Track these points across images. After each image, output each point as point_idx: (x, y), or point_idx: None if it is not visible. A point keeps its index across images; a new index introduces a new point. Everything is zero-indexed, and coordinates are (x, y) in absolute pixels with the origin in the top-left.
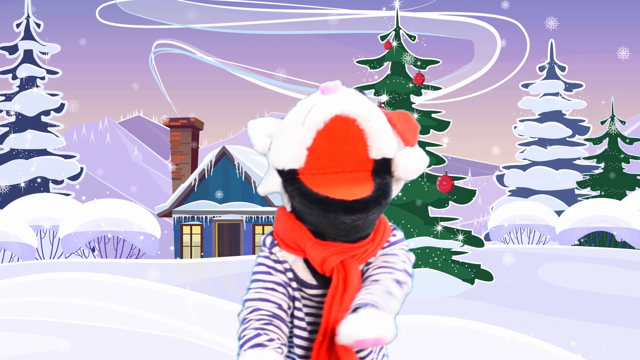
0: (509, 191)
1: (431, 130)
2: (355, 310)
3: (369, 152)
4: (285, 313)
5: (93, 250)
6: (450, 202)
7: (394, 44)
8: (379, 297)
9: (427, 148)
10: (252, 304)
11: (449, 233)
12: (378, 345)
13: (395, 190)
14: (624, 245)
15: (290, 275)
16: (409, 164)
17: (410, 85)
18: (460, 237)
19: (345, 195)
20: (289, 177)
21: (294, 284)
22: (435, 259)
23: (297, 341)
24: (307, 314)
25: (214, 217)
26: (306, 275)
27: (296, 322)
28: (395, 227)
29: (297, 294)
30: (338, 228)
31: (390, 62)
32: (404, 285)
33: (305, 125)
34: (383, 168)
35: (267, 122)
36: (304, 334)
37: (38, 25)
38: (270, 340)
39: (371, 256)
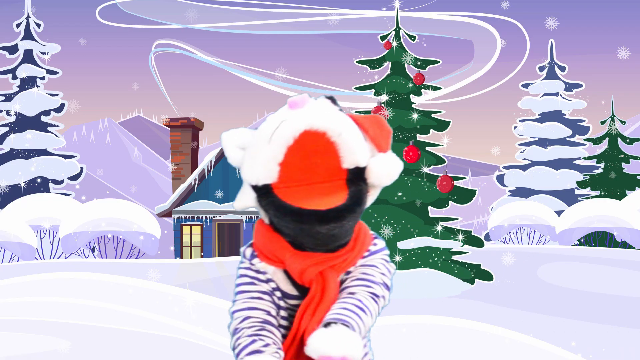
0: (509, 191)
1: (431, 130)
2: (326, 325)
3: (341, 163)
4: (275, 319)
5: (93, 250)
6: (450, 202)
7: (394, 44)
8: (351, 314)
9: (427, 148)
10: (242, 314)
11: (449, 233)
12: None
13: (372, 196)
14: (624, 245)
15: (273, 285)
16: (382, 171)
17: (410, 85)
18: (460, 237)
19: (319, 205)
20: (263, 192)
21: (278, 294)
22: (435, 259)
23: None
24: (291, 324)
25: (214, 217)
26: (287, 286)
27: (283, 331)
28: (377, 235)
29: (282, 303)
30: (315, 238)
31: (390, 62)
32: (380, 299)
33: (274, 142)
34: (357, 176)
35: (240, 133)
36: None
37: (38, 25)
38: (266, 345)
39: (351, 265)
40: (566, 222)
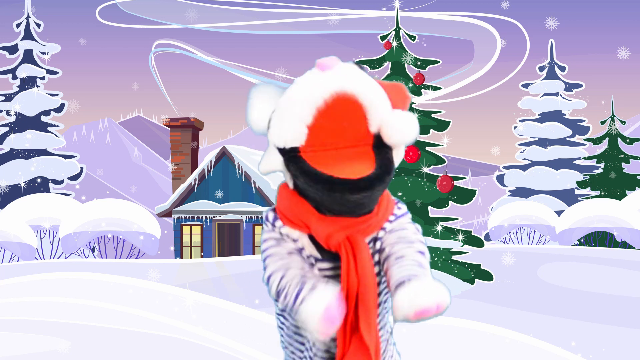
0: (509, 191)
1: (431, 130)
2: (398, 287)
3: (369, 127)
4: (311, 273)
5: (93, 250)
6: (450, 202)
7: (394, 44)
8: (417, 269)
9: (427, 148)
10: (279, 274)
11: (449, 233)
12: (439, 313)
13: (396, 161)
14: (624, 245)
15: (299, 244)
16: (395, 128)
17: (410, 85)
18: (460, 237)
19: (350, 173)
20: (291, 155)
21: (306, 252)
22: (435, 259)
23: None
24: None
25: (214, 217)
26: (312, 251)
27: None
28: (398, 200)
29: (312, 261)
30: (344, 205)
31: (390, 62)
32: (426, 254)
33: (304, 102)
34: (383, 141)
35: (266, 100)
36: None
37: (38, 25)
38: (314, 285)
39: (375, 229)
40: (566, 222)
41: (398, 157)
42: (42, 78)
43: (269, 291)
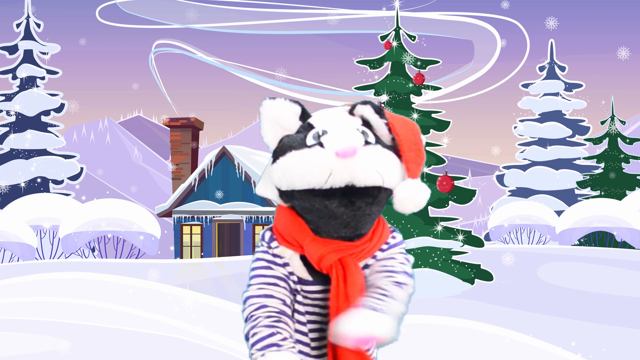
0: (509, 191)
1: (431, 130)
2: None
3: None
4: (289, 308)
5: (93, 250)
6: (450, 202)
7: (394, 44)
8: (376, 301)
9: (427, 148)
10: (257, 301)
11: (449, 233)
12: (376, 344)
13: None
14: (624, 245)
15: (289, 269)
16: (408, 197)
17: (410, 85)
18: (460, 237)
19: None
20: (287, 193)
21: (294, 278)
22: (435, 259)
23: (296, 336)
24: (306, 311)
25: (214, 217)
26: (303, 273)
27: (296, 316)
28: (395, 229)
29: (298, 288)
30: (338, 219)
31: (390, 62)
32: (405, 286)
33: (310, 181)
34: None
35: (283, 111)
36: (304, 328)
37: (38, 25)
38: (284, 339)
39: (369, 255)
40: (566, 222)
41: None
42: (42, 78)
43: (242, 310)
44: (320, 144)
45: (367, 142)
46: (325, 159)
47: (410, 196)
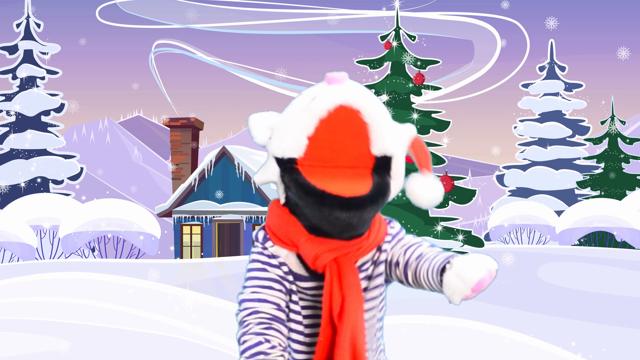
0: (509, 191)
1: (431, 130)
2: (442, 272)
3: (370, 147)
4: (283, 313)
5: (93, 250)
6: (450, 202)
7: (394, 44)
8: (446, 255)
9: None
10: (250, 305)
11: (449, 233)
12: (492, 279)
13: (394, 190)
14: (624, 245)
15: (285, 269)
16: (425, 194)
17: (410, 85)
18: (460, 237)
19: (343, 190)
20: (288, 167)
21: (290, 277)
22: None
23: (293, 335)
24: (303, 307)
25: (214, 217)
26: (299, 269)
27: (292, 315)
28: (391, 219)
29: (293, 287)
30: (332, 224)
31: (390, 62)
32: (434, 247)
33: (308, 113)
34: (383, 166)
35: (269, 115)
36: (300, 328)
37: (38, 25)
38: (272, 347)
39: (365, 253)
40: (566, 222)
41: (397, 187)
42: (42, 78)
43: (236, 313)
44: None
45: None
46: (314, 89)
47: (427, 192)
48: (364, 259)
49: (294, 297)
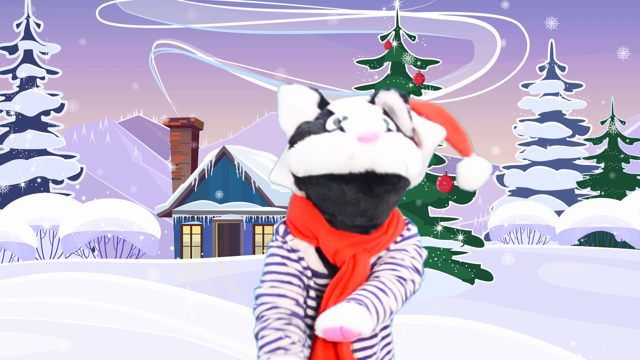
0: (509, 191)
1: None
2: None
3: None
4: (301, 309)
5: (93, 250)
6: (450, 202)
7: (394, 44)
8: (368, 294)
9: None
10: (269, 300)
11: (449, 233)
12: (349, 338)
13: (425, 159)
14: (624, 245)
15: (304, 264)
16: (471, 174)
17: (410, 85)
18: (460, 237)
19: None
20: (303, 179)
21: (308, 273)
22: (435, 259)
23: (308, 331)
24: (319, 305)
25: (214, 217)
26: (318, 265)
27: (309, 311)
28: (410, 221)
29: (311, 283)
30: (356, 206)
31: (390, 62)
32: (408, 282)
33: (328, 165)
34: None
35: (301, 97)
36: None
37: (38, 25)
38: (293, 343)
39: (383, 248)
40: (566, 222)
41: (427, 159)
42: (42, 78)
43: (254, 308)
44: (341, 129)
45: (388, 130)
46: (346, 143)
47: (475, 172)
48: (379, 255)
49: (312, 293)
